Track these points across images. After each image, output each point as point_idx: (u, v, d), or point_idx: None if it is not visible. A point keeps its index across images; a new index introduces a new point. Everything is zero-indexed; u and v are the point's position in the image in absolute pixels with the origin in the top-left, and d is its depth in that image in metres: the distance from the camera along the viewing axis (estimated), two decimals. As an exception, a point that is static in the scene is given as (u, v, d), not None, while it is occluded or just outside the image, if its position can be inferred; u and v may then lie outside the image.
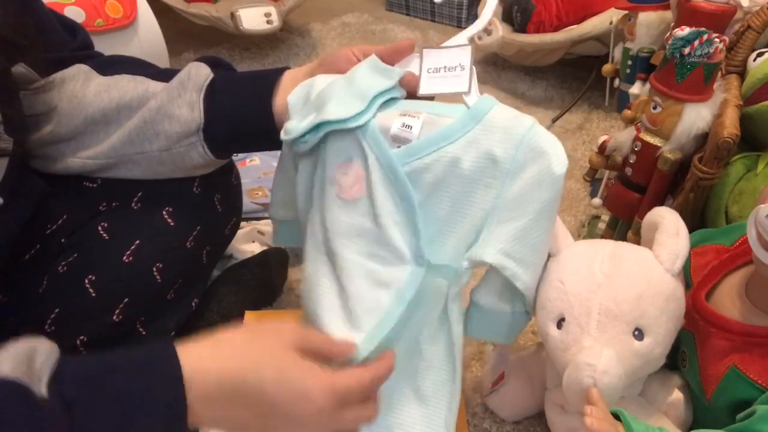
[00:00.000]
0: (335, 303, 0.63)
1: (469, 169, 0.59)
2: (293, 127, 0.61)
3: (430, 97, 0.63)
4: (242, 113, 0.65)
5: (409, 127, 0.60)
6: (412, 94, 0.63)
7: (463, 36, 0.66)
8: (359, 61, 0.64)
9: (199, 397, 0.46)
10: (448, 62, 0.62)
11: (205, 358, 0.48)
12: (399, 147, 0.61)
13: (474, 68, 0.62)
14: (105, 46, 1.35)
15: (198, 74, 0.66)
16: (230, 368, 0.48)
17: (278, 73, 0.67)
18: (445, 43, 0.65)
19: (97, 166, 0.67)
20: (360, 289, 0.62)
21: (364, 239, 0.62)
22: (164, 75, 0.68)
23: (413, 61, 0.64)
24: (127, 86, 0.66)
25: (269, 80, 0.66)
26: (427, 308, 0.62)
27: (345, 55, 0.65)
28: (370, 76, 0.62)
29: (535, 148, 0.59)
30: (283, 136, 0.61)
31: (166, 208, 0.71)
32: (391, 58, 0.64)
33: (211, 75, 0.66)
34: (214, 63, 0.69)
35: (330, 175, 0.63)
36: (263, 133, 0.65)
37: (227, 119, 0.65)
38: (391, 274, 0.62)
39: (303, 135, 0.61)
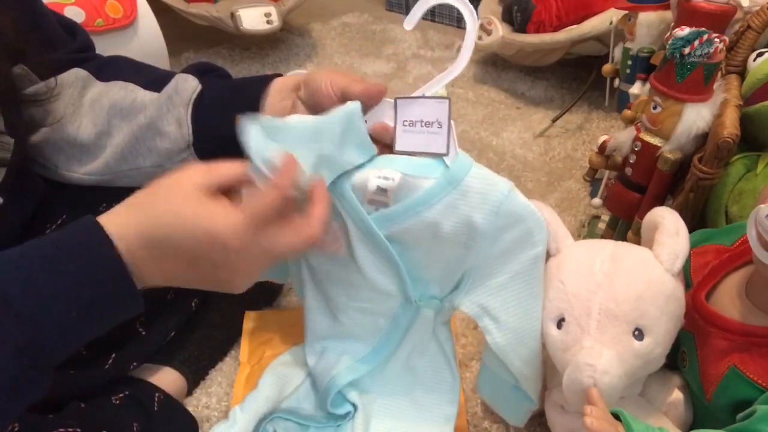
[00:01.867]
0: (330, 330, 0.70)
1: (449, 232, 0.59)
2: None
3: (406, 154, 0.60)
4: (230, 128, 0.63)
5: (384, 191, 0.59)
6: (384, 147, 0.60)
7: (440, 83, 0.62)
8: (336, 100, 0.59)
9: (130, 257, 0.46)
10: (424, 116, 0.60)
11: (122, 224, 0.47)
12: (376, 209, 0.60)
13: (452, 124, 0.60)
14: (105, 46, 1.35)
15: (185, 88, 0.64)
16: (140, 227, 0.47)
17: (265, 82, 0.65)
18: (420, 90, 0.61)
19: (94, 182, 0.67)
20: (358, 320, 0.68)
21: (354, 287, 0.65)
22: (157, 83, 0.66)
23: (386, 111, 0.60)
24: (117, 95, 0.65)
25: (256, 92, 0.64)
26: (418, 332, 0.67)
27: (325, 91, 0.60)
28: (345, 148, 0.58)
29: (513, 213, 0.59)
30: None
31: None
32: (364, 104, 0.59)
33: (199, 87, 0.65)
34: (203, 70, 0.68)
35: None
36: None
37: (216, 135, 0.63)
38: (385, 305, 0.66)
39: None
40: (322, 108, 0.59)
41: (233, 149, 0.65)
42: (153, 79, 0.68)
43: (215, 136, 0.63)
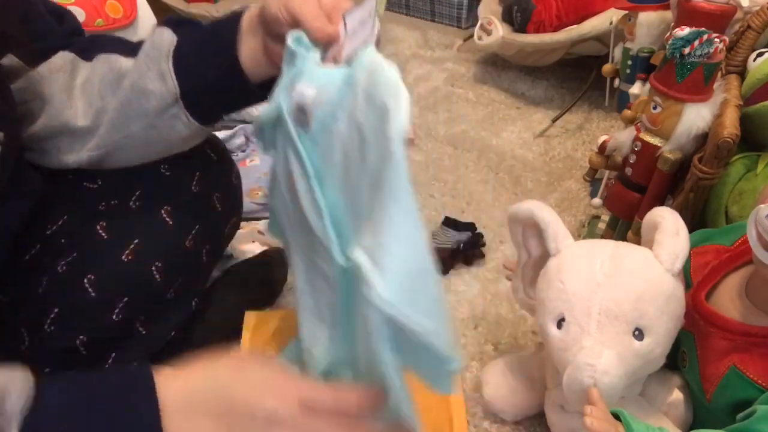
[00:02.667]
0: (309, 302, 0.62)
1: (352, 150, 0.50)
2: (257, 124, 0.60)
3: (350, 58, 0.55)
4: (212, 75, 0.62)
5: (303, 110, 0.54)
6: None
7: None
8: (287, 24, 0.56)
9: (171, 415, 0.45)
10: (362, 18, 0.57)
11: (174, 377, 0.47)
12: (305, 132, 0.55)
13: (376, 17, 0.58)
14: (105, 46, 1.35)
15: (161, 42, 0.63)
16: (185, 378, 0.47)
17: (236, 21, 0.62)
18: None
19: (91, 158, 0.66)
20: (319, 285, 0.60)
21: (309, 233, 0.57)
22: (137, 49, 0.65)
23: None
24: (102, 70, 0.65)
25: (231, 33, 0.62)
26: (359, 315, 0.53)
27: (275, 15, 0.57)
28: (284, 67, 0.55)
29: (371, 90, 0.48)
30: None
31: (165, 207, 0.71)
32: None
33: (175, 39, 0.63)
34: (177, 23, 0.66)
35: (283, 169, 0.59)
36: (238, 90, 0.63)
37: (200, 83, 0.62)
38: (331, 272, 0.56)
39: (261, 130, 0.59)
40: (281, 36, 0.57)
41: (219, 95, 0.64)
42: (133, 46, 0.67)
43: (200, 83, 0.62)
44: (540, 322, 0.66)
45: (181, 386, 0.46)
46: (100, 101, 0.64)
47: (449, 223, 1.10)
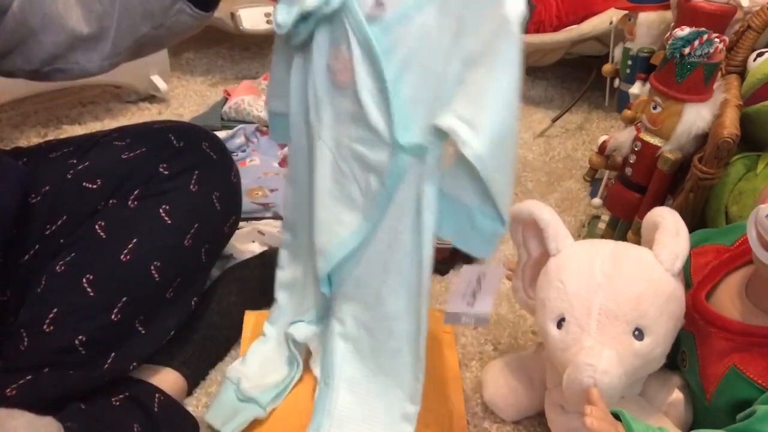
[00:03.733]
0: (329, 188, 0.64)
1: (437, 38, 0.56)
2: (283, 20, 0.59)
3: None
4: None
5: (382, 3, 0.57)
6: None
7: None
8: None
9: None
10: None
11: None
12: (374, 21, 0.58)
13: None
14: (105, 46, 1.35)
15: None
16: None
17: None
18: None
19: (112, 64, 0.70)
20: (353, 171, 0.63)
21: (353, 123, 0.61)
22: None
23: None
24: None
25: None
26: (403, 194, 0.61)
27: None
28: None
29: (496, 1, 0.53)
30: (276, 30, 0.61)
31: (164, 206, 0.71)
32: None
33: None
34: None
35: (324, 63, 0.61)
36: None
37: None
38: (377, 157, 0.61)
39: (296, 27, 0.60)
40: None
41: None
42: None
43: None
44: (540, 322, 0.66)
45: None
46: (99, 5, 0.66)
47: (449, 223, 1.10)
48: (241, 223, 0.98)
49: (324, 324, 0.72)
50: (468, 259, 1.03)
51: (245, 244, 0.99)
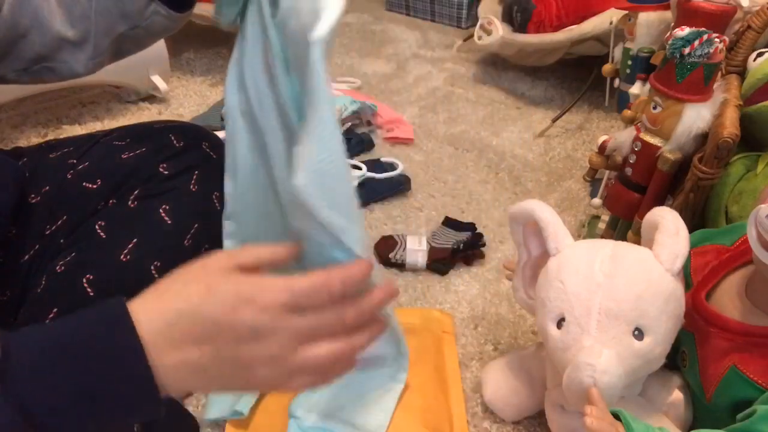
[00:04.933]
0: None
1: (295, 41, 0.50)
2: None
3: None
4: None
5: None
6: None
7: None
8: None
9: (156, 356, 0.42)
10: None
11: (151, 311, 0.44)
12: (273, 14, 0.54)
13: None
14: (105, 45, 1.35)
15: None
16: (161, 308, 0.44)
17: None
18: None
19: (96, 65, 0.71)
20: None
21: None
22: None
23: None
24: None
25: None
26: None
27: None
28: None
29: None
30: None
31: (163, 206, 0.71)
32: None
33: None
34: None
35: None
36: None
37: None
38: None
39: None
40: None
41: None
42: None
43: None
44: (540, 322, 0.65)
45: (157, 318, 0.43)
46: (78, 7, 0.68)
47: (449, 223, 1.10)
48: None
49: None
50: (468, 260, 1.03)
51: (245, 244, 0.99)
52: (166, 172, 0.73)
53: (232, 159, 0.65)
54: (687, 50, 0.79)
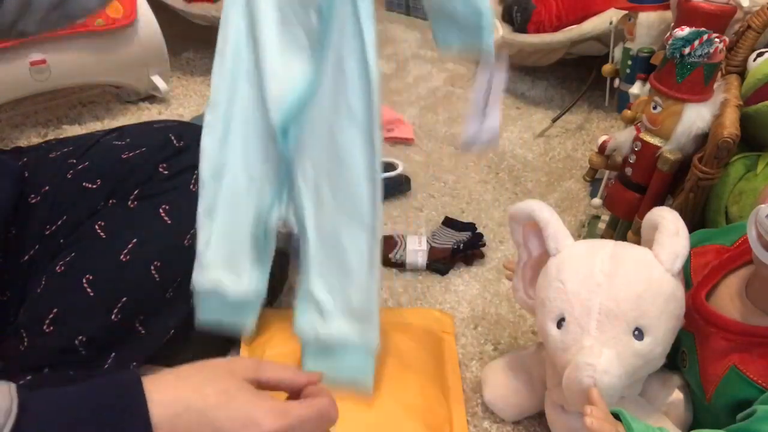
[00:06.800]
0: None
1: None
2: None
3: None
4: None
5: None
6: None
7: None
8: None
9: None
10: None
11: (166, 395, 0.46)
12: None
13: None
14: (105, 46, 1.36)
15: None
16: (175, 396, 0.46)
17: None
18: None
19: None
20: (296, 13, 0.64)
21: None
22: None
23: None
24: None
25: None
26: (340, 17, 0.62)
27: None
28: None
29: None
30: None
31: (163, 206, 0.71)
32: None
33: None
34: None
35: None
36: None
37: None
38: None
39: None
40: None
41: None
42: None
43: None
44: (540, 322, 0.66)
45: (171, 401, 0.45)
46: None
47: (449, 223, 1.10)
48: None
49: (289, 191, 0.70)
50: (468, 260, 1.03)
51: (245, 244, 0.99)
52: (165, 172, 0.73)
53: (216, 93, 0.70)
54: (687, 50, 0.79)
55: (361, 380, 0.69)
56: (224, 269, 0.69)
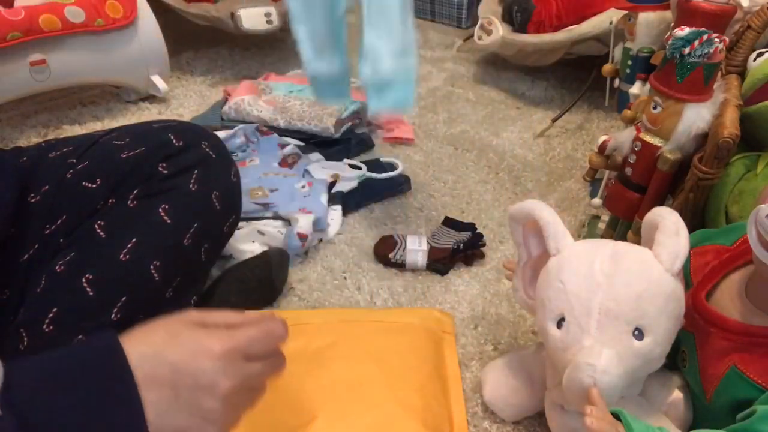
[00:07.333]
0: None
1: None
2: None
3: None
4: None
5: None
6: None
7: None
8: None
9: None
10: None
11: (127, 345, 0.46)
12: None
13: None
14: (105, 46, 1.36)
15: None
16: (127, 351, 0.45)
17: None
18: None
19: None
20: None
21: None
22: None
23: None
24: None
25: None
26: None
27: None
28: None
29: None
30: None
31: (163, 206, 0.71)
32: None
33: None
34: None
35: None
36: None
37: None
38: None
39: None
40: None
41: None
42: None
43: None
44: (540, 322, 0.65)
45: (136, 353, 0.45)
46: None
47: (449, 223, 1.10)
48: (241, 223, 0.98)
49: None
50: (468, 260, 1.03)
51: (245, 244, 0.99)
52: (165, 172, 0.73)
53: None
54: (687, 50, 0.79)
55: (407, 106, 0.93)
56: (317, 60, 0.95)
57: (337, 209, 1.12)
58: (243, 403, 0.50)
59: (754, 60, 0.87)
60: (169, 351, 0.46)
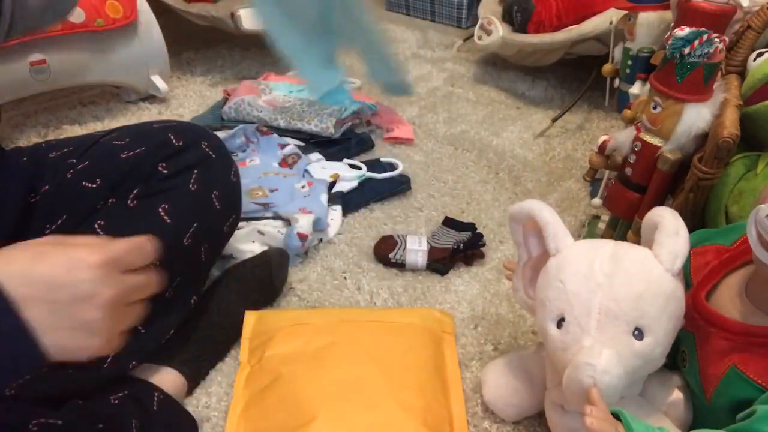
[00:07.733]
0: None
1: None
2: None
3: None
4: None
5: None
6: None
7: None
8: None
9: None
10: None
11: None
12: None
13: None
14: (105, 46, 1.36)
15: None
16: (17, 272, 0.44)
17: None
18: None
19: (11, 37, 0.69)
20: None
21: None
22: None
23: None
24: None
25: None
26: None
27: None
28: None
29: None
30: None
31: (163, 206, 0.71)
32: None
33: None
34: None
35: None
36: None
37: None
38: None
39: None
40: None
41: None
42: None
43: None
44: (540, 322, 0.65)
45: (1, 273, 0.44)
46: None
47: (449, 223, 1.10)
48: (241, 223, 0.98)
49: None
50: (468, 260, 1.03)
51: (245, 244, 0.99)
52: (165, 172, 0.73)
53: None
54: (687, 50, 0.79)
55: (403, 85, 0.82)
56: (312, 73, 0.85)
57: (337, 209, 1.12)
58: (124, 319, 0.50)
59: (754, 60, 0.87)
60: (38, 268, 0.44)
